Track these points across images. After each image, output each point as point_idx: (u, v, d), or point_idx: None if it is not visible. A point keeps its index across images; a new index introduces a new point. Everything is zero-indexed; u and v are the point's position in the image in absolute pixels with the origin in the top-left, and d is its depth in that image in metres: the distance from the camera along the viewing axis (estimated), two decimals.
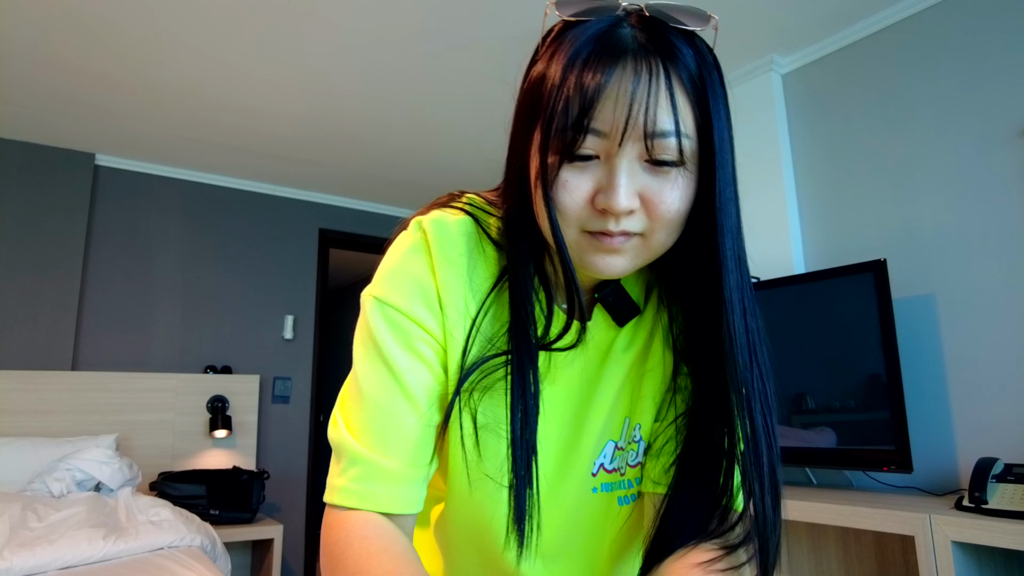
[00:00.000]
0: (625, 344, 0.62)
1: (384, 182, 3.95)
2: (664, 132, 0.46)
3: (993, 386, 1.86)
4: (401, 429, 0.54)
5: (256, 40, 2.39)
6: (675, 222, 0.50)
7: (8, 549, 1.96)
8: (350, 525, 0.52)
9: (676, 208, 0.49)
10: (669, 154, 0.47)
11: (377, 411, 0.54)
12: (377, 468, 0.53)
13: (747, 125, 2.54)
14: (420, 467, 0.55)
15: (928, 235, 2.05)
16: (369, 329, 0.56)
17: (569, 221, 0.50)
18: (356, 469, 0.53)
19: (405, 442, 0.54)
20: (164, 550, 2.22)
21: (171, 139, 3.31)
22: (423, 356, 0.56)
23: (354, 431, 0.54)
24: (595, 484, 0.63)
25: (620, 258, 0.51)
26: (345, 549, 0.50)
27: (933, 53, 2.08)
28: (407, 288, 0.56)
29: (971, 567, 1.55)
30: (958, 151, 2.00)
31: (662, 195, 0.49)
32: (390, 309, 0.56)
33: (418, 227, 0.58)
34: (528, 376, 0.55)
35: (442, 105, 2.88)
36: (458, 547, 0.66)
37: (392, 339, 0.55)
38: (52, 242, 3.29)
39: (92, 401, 3.21)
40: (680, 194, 0.49)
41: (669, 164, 0.48)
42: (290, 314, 3.93)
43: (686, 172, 0.49)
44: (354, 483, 0.53)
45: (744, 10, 2.18)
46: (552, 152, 0.48)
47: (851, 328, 1.95)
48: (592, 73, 0.46)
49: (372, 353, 0.56)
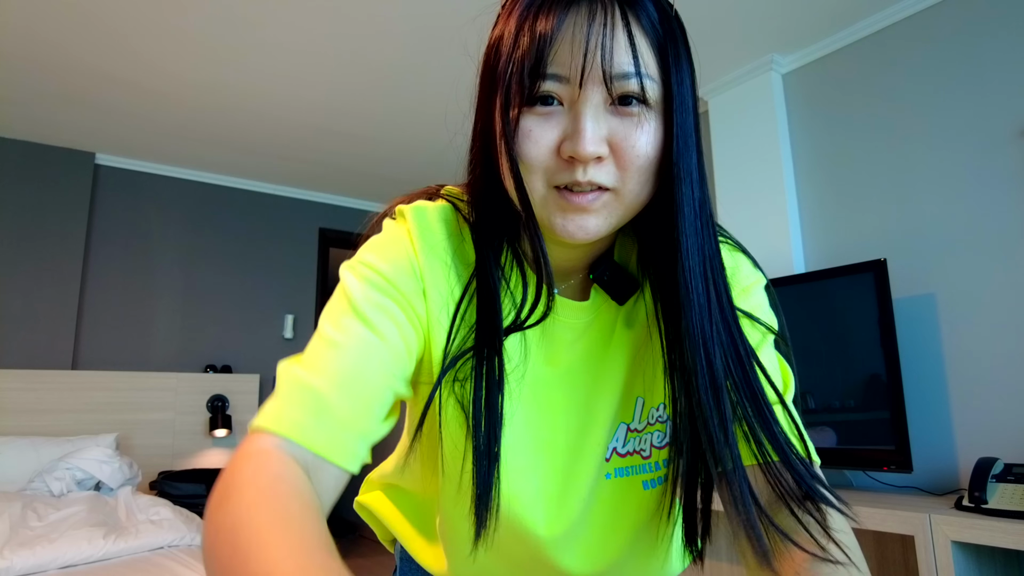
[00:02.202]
0: (627, 321, 0.60)
1: (384, 181, 3.95)
2: (625, 73, 0.45)
3: (993, 386, 1.86)
4: (362, 374, 0.48)
5: (256, 40, 2.39)
6: (645, 168, 0.48)
7: (8, 548, 1.96)
8: (264, 460, 0.42)
9: (645, 152, 0.47)
10: (630, 96, 0.46)
11: (335, 352, 0.48)
12: (324, 403, 0.45)
13: (747, 125, 2.54)
14: (370, 421, 0.48)
15: (928, 235, 2.05)
16: (343, 288, 0.52)
17: (535, 173, 0.48)
18: (297, 397, 0.46)
19: (362, 387, 0.47)
20: (164, 549, 2.22)
21: (171, 139, 3.31)
22: (398, 321, 0.51)
23: (305, 366, 0.48)
24: (608, 470, 0.60)
25: (592, 218, 0.48)
26: (245, 485, 0.39)
27: (933, 53, 2.08)
28: (390, 260, 0.53)
29: (971, 567, 1.55)
30: (958, 151, 2.00)
31: (630, 139, 0.47)
32: (369, 270, 0.53)
33: (399, 215, 0.57)
34: (494, 360, 0.53)
35: (442, 104, 2.88)
36: (463, 542, 0.63)
37: (367, 294, 0.51)
38: (52, 241, 3.29)
39: (92, 400, 3.21)
40: (648, 137, 0.47)
41: (634, 105, 0.47)
42: (290, 313, 3.94)
43: (652, 115, 0.48)
44: (292, 410, 0.45)
45: (744, 10, 2.18)
46: (514, 105, 0.47)
47: (851, 328, 1.95)
48: (546, 18, 0.46)
49: (343, 307, 0.51)
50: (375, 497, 0.78)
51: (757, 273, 0.60)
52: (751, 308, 0.57)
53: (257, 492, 0.38)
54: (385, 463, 0.77)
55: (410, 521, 0.74)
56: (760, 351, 0.56)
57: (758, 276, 0.60)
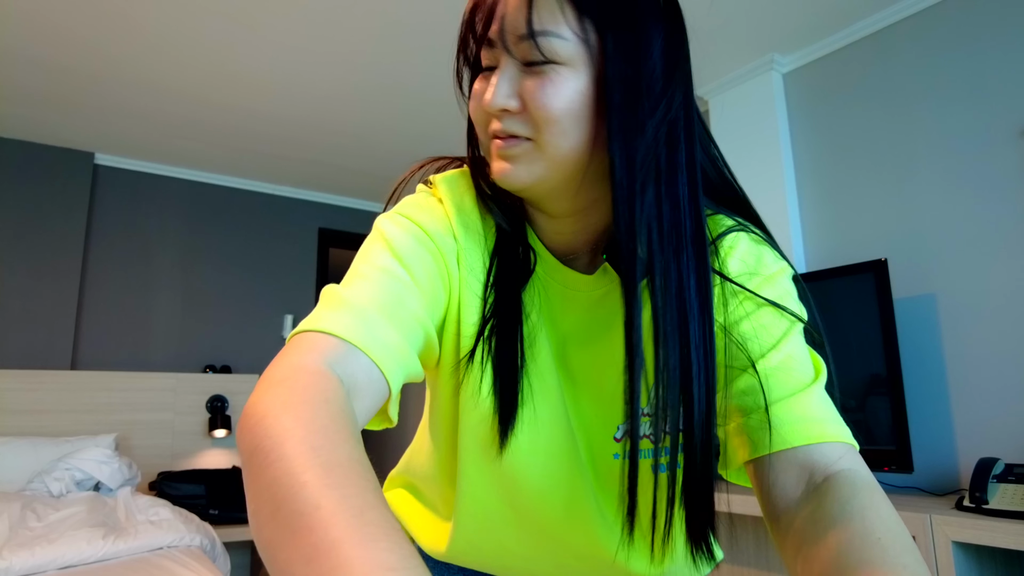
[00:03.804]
0: None
1: (384, 182, 3.94)
2: (535, 32, 0.49)
3: (993, 386, 1.86)
4: (399, 302, 0.51)
5: (256, 40, 2.39)
6: (555, 120, 0.50)
7: (7, 549, 1.96)
8: (306, 380, 0.41)
9: (550, 104, 0.49)
10: (537, 55, 0.49)
11: (372, 282, 0.51)
12: (366, 315, 0.48)
13: (747, 125, 2.54)
14: (407, 344, 0.50)
15: (928, 235, 2.04)
16: (381, 233, 0.55)
17: (479, 126, 0.55)
18: (342, 308, 0.48)
19: (400, 312, 0.50)
20: (163, 550, 2.22)
21: (171, 139, 3.31)
22: (430, 271, 0.55)
23: (345, 288, 0.50)
24: (617, 450, 0.61)
25: (513, 165, 0.52)
26: (304, 403, 0.38)
27: (933, 53, 2.08)
28: (430, 218, 0.58)
29: (971, 567, 1.55)
30: (958, 151, 2.00)
31: (534, 93, 0.50)
32: (409, 222, 0.57)
33: (433, 184, 0.62)
34: (512, 315, 0.57)
35: (442, 104, 2.88)
36: (482, 506, 0.64)
37: (405, 241, 0.55)
38: (52, 241, 3.29)
39: (91, 401, 3.20)
40: (554, 90, 0.49)
41: (537, 63, 0.50)
42: (290, 313, 3.93)
43: (566, 72, 0.49)
44: (337, 316, 0.47)
45: (744, 10, 2.17)
46: (465, 70, 0.55)
47: (852, 328, 1.95)
48: None
49: (379, 248, 0.54)
50: (394, 495, 0.79)
51: (782, 262, 0.59)
52: (776, 297, 0.57)
53: (311, 417, 0.37)
54: (403, 459, 0.78)
55: (423, 503, 0.74)
56: (787, 340, 0.55)
57: (782, 265, 0.59)
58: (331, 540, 0.29)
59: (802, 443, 0.51)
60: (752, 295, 0.56)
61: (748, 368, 0.55)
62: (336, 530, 0.29)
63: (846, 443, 0.51)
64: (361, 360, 0.46)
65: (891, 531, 0.43)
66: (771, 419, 0.52)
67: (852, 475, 0.49)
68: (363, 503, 0.31)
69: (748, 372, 0.55)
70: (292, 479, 0.32)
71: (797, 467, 0.51)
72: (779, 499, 0.51)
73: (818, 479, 0.50)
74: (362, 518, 0.30)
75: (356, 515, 0.30)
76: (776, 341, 0.55)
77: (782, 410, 0.52)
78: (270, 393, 0.39)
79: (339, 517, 0.30)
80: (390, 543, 0.29)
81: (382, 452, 4.54)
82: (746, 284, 0.57)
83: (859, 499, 0.46)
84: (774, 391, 0.53)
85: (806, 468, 0.50)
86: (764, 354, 0.55)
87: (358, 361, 0.45)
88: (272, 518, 0.32)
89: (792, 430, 0.51)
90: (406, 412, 4.14)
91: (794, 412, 0.52)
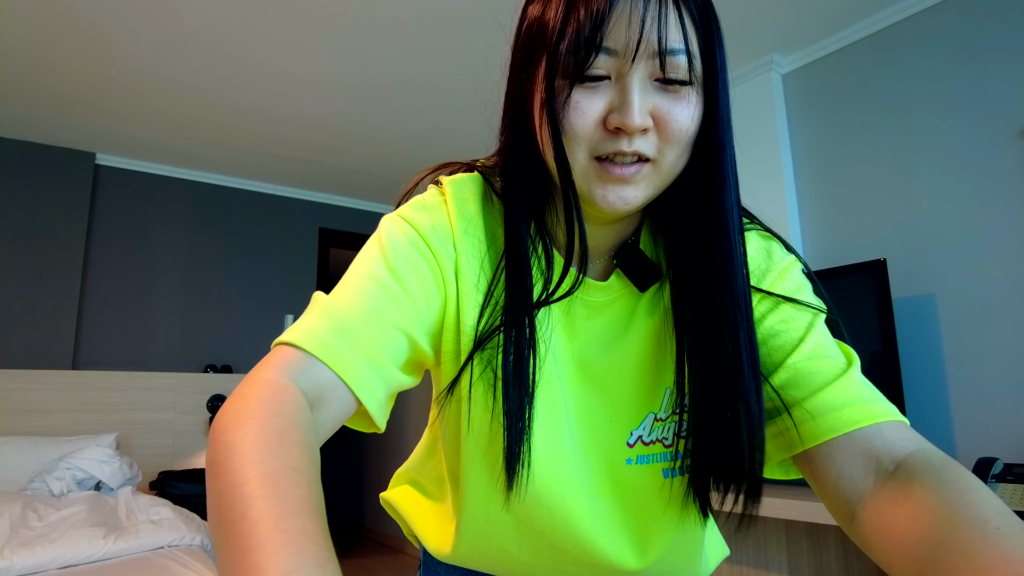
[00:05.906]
0: (648, 310, 0.60)
1: (384, 182, 3.95)
2: (675, 49, 0.47)
3: (993, 386, 1.86)
4: (382, 313, 0.51)
5: (256, 40, 2.39)
6: (685, 142, 0.50)
7: (8, 548, 1.97)
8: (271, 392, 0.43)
9: (687, 127, 0.49)
10: (680, 72, 0.48)
11: (359, 291, 0.51)
12: (346, 327, 0.48)
13: (747, 125, 2.54)
14: (387, 357, 0.50)
15: (928, 235, 2.05)
16: (380, 237, 0.56)
17: (579, 144, 0.49)
18: (324, 320, 0.49)
19: (382, 324, 0.50)
20: (164, 549, 2.22)
21: (171, 139, 3.31)
22: (424, 279, 0.54)
23: (333, 296, 0.52)
24: (630, 455, 0.60)
25: (631, 188, 0.50)
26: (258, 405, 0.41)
27: (933, 53, 2.08)
28: (430, 223, 0.57)
29: None
30: (958, 151, 2.00)
31: (673, 113, 0.49)
32: (409, 226, 0.56)
33: (442, 185, 0.60)
34: (525, 330, 0.54)
35: (443, 104, 2.89)
36: (484, 511, 0.63)
37: (401, 247, 0.54)
38: (52, 242, 3.29)
39: (92, 400, 3.21)
40: (691, 112, 0.49)
41: (680, 82, 0.48)
42: (290, 314, 3.94)
43: (694, 91, 0.49)
44: (316, 329, 0.48)
45: (744, 10, 2.18)
46: (561, 76, 0.49)
47: (851, 328, 1.94)
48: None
49: (375, 254, 0.54)
50: (400, 492, 0.79)
51: (791, 255, 0.60)
52: (791, 290, 0.57)
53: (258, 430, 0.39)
54: (411, 457, 0.78)
55: (430, 499, 0.74)
56: (813, 331, 0.55)
57: (792, 258, 0.60)
58: (250, 546, 0.32)
59: (857, 426, 0.49)
60: (767, 294, 0.57)
61: (781, 364, 0.55)
62: (255, 537, 0.33)
63: (901, 421, 0.50)
64: (324, 372, 0.47)
65: (1002, 516, 0.39)
66: (817, 408, 0.51)
67: (926, 456, 0.47)
68: (282, 511, 0.34)
69: (781, 368, 0.55)
70: (232, 490, 0.36)
71: (861, 454, 0.49)
72: (849, 492, 0.49)
73: (888, 465, 0.48)
74: (277, 526, 0.33)
75: (273, 523, 0.33)
76: (802, 334, 0.55)
77: (828, 397, 0.51)
78: (232, 407, 0.42)
79: (260, 525, 0.33)
80: (297, 548, 0.32)
81: (382, 452, 4.55)
82: (760, 281, 0.57)
83: (954, 484, 0.43)
84: (814, 380, 0.53)
85: (871, 455, 0.48)
86: (795, 347, 0.55)
87: (321, 373, 0.47)
88: (216, 525, 0.35)
89: (843, 415, 0.50)
90: (406, 412, 4.14)
91: (840, 397, 0.51)
